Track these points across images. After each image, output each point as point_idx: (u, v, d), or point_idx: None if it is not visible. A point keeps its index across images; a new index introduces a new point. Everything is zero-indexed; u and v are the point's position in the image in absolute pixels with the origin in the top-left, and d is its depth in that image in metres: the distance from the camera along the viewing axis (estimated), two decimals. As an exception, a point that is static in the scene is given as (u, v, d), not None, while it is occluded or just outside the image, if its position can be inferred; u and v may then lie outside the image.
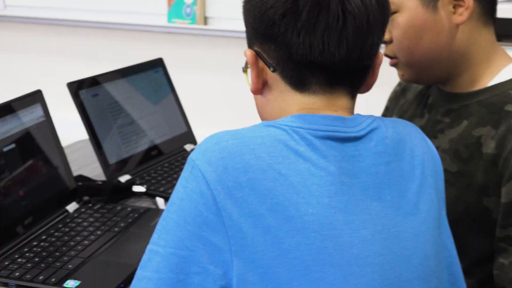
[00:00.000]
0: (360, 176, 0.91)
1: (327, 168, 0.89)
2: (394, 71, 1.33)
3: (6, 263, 1.28)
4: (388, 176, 0.93)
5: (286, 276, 0.85)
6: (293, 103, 0.95)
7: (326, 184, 0.88)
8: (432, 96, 1.34)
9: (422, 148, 0.99)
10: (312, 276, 0.85)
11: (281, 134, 0.90)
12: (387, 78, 1.39)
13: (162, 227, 0.89)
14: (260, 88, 0.98)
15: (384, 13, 0.94)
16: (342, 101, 0.95)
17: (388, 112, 1.49)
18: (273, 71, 0.95)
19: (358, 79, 0.97)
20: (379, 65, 0.98)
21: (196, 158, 0.89)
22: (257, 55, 0.96)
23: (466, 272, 1.10)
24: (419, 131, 1.02)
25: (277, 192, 0.86)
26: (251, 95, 1.01)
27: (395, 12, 1.22)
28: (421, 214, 0.94)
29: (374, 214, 0.90)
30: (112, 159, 1.69)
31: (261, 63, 0.97)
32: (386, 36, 1.20)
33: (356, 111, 0.98)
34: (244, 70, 1.00)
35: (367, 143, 0.93)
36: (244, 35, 1.00)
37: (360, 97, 1.00)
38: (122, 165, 1.72)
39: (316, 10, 0.89)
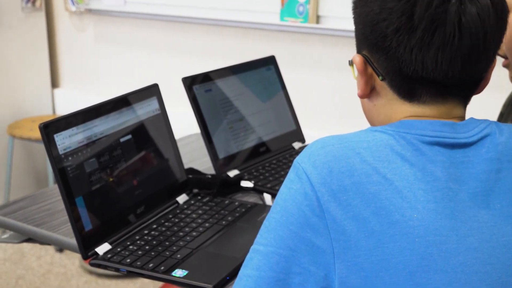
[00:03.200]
0: (468, 183, 0.89)
1: (434, 174, 0.88)
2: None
3: (119, 249, 1.33)
4: (499, 184, 0.90)
5: (388, 280, 0.85)
6: (401, 111, 0.95)
7: (432, 190, 0.87)
8: None
9: None
10: (415, 281, 0.85)
11: (388, 139, 0.89)
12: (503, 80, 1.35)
13: (265, 227, 0.91)
14: (368, 93, 0.98)
15: (501, 27, 0.92)
16: (454, 110, 0.94)
17: (502, 118, 1.44)
18: (382, 80, 0.95)
19: (472, 89, 0.95)
20: (492, 69, 0.96)
21: (301, 161, 0.90)
22: (366, 61, 0.96)
23: None
24: None
25: (382, 196, 0.86)
26: (361, 95, 1.01)
27: None
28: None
29: (482, 222, 0.88)
30: (221, 154, 1.73)
31: (370, 69, 0.96)
32: None
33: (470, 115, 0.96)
34: (350, 63, 1.00)
35: (478, 149, 0.91)
36: (355, 34, 0.99)
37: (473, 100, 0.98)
38: (231, 160, 1.75)
39: (432, 27, 0.87)
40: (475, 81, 0.94)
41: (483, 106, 1.52)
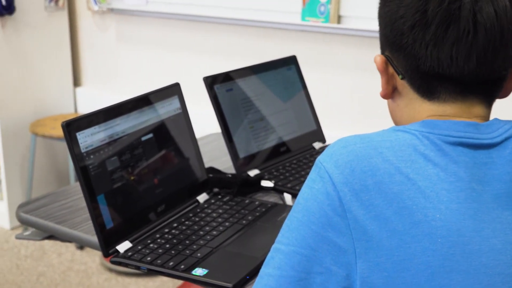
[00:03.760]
0: (492, 184, 0.88)
1: (457, 174, 0.87)
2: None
3: (139, 247, 1.33)
4: (523, 185, 0.90)
5: (410, 281, 0.84)
6: (422, 110, 0.95)
7: (455, 190, 0.86)
8: None
9: None
10: (438, 282, 0.84)
11: (411, 139, 0.89)
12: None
13: (286, 226, 0.91)
14: (390, 93, 0.99)
15: None
16: (476, 109, 0.93)
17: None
18: (402, 79, 0.95)
19: (493, 88, 0.94)
20: None
21: (323, 160, 0.90)
22: (388, 61, 0.96)
23: None
24: None
25: (404, 196, 0.85)
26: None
27: None
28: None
29: (506, 224, 0.87)
30: (242, 153, 1.73)
31: (391, 69, 0.97)
32: None
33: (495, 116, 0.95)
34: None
35: (502, 150, 0.90)
36: (377, 34, 1.00)
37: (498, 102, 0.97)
38: (251, 160, 1.75)
39: (445, 23, 0.87)
40: (495, 80, 0.93)
41: (507, 107, 1.50)
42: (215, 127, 1.86)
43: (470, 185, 0.87)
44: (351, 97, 2.75)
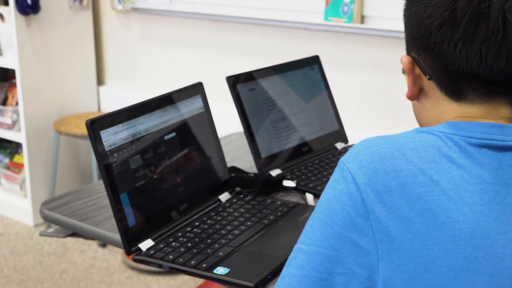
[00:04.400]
0: (516, 186, 0.88)
1: (481, 176, 0.87)
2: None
3: (161, 245, 1.34)
4: (547, 188, 0.89)
5: (433, 283, 0.84)
6: (449, 111, 0.94)
7: (479, 192, 0.86)
8: None
9: None
10: (460, 285, 0.84)
11: (435, 140, 0.89)
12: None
13: (309, 226, 0.91)
14: (416, 94, 0.98)
15: None
16: (502, 110, 0.93)
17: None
18: (429, 79, 0.95)
19: None
20: None
21: (347, 161, 0.90)
22: (414, 61, 0.96)
23: None
24: None
25: (427, 198, 0.85)
26: (404, 97, 1.01)
27: None
28: None
29: (530, 227, 0.87)
30: (264, 153, 1.73)
31: (417, 70, 0.96)
32: None
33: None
34: (403, 71, 1.00)
35: (527, 152, 0.89)
36: (400, 35, 1.00)
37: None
38: (273, 159, 1.75)
39: (474, 22, 0.87)
40: None
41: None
42: (237, 127, 1.86)
43: (494, 187, 0.86)
44: (374, 97, 2.74)
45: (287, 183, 1.64)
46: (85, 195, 1.61)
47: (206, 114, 1.58)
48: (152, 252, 1.32)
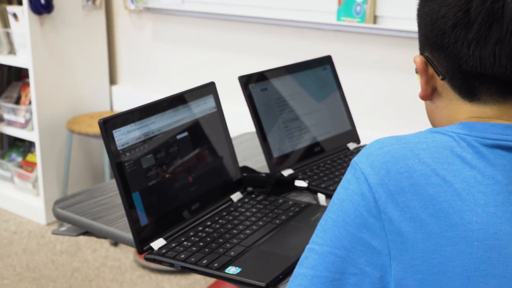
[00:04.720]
0: (530, 188, 0.87)
1: (494, 177, 0.86)
2: None
3: (173, 245, 1.34)
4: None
5: (445, 284, 0.84)
6: (462, 111, 0.94)
7: (492, 193, 0.85)
8: None
9: None
10: (473, 286, 0.83)
11: (448, 141, 0.89)
12: None
13: (321, 226, 0.91)
14: (429, 94, 0.98)
15: None
16: None
17: None
18: (442, 79, 0.94)
19: None
20: None
21: (359, 161, 0.90)
22: (427, 61, 0.95)
23: None
24: None
25: (440, 199, 0.85)
26: (416, 97, 1.01)
27: None
28: None
29: (543, 228, 0.86)
30: (276, 153, 1.73)
31: (430, 70, 0.96)
32: None
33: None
34: (417, 71, 1.00)
35: (541, 153, 0.89)
36: (413, 35, 1.00)
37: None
38: (285, 159, 1.75)
39: (488, 22, 0.87)
40: None
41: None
42: (249, 126, 1.86)
43: (507, 188, 0.86)
44: (386, 97, 2.73)
45: (299, 183, 1.64)
46: (97, 194, 1.62)
47: (218, 114, 1.58)
48: (164, 251, 1.32)
